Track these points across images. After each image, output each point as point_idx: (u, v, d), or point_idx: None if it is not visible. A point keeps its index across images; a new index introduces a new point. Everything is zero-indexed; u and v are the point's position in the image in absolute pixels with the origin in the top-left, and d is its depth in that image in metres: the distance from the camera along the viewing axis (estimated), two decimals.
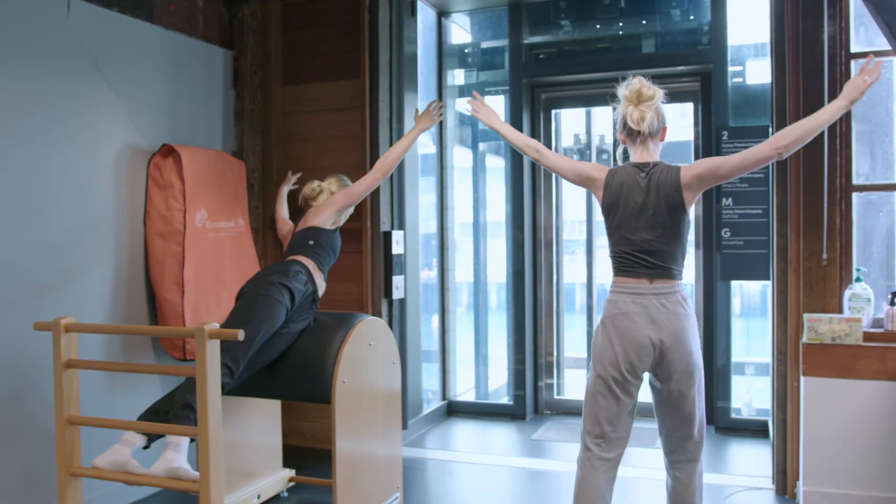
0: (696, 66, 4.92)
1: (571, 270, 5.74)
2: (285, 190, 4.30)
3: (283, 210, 4.21)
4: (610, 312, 2.75)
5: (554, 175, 5.50)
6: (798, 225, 3.66)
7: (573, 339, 5.75)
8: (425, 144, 5.44)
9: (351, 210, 3.81)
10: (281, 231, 4.11)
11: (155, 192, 3.93)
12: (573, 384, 5.67)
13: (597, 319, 5.58)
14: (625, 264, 2.76)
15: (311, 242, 3.56)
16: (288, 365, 3.39)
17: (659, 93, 2.79)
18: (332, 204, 3.65)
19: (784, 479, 3.75)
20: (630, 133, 2.78)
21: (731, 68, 4.77)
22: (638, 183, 2.73)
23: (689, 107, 5.15)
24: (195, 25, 4.27)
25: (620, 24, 5.19)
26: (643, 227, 2.72)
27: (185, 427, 2.73)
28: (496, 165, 5.82)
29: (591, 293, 5.59)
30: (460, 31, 5.70)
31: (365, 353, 3.48)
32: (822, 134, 3.60)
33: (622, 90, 2.79)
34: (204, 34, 4.34)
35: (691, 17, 5.05)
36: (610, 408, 2.75)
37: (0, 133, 3.19)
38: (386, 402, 3.65)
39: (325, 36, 4.59)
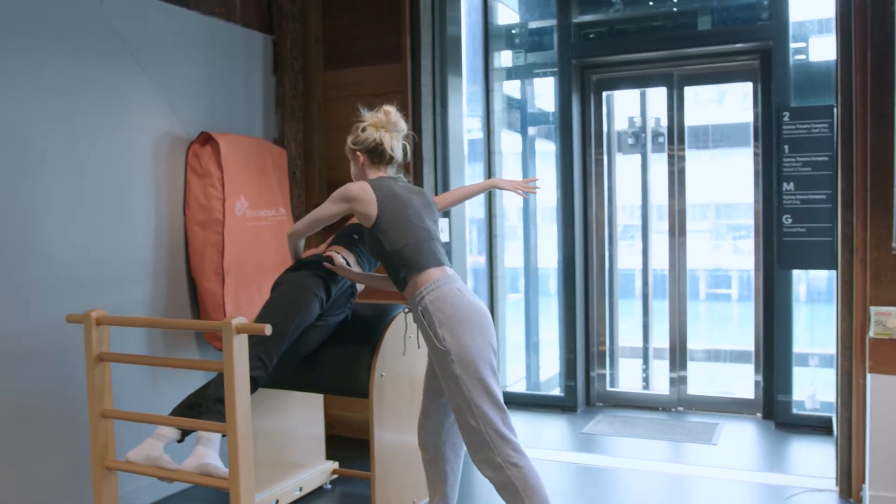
0: (756, 43, 4.64)
1: (629, 256, 5.54)
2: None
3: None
4: (464, 303, 2.77)
5: (606, 159, 5.30)
6: (865, 211, 3.41)
7: (629, 328, 5.55)
8: (471, 130, 5.30)
9: None
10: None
11: (194, 180, 3.88)
12: (628, 375, 5.49)
13: (654, 307, 5.40)
14: (438, 252, 2.87)
15: (356, 237, 3.47)
16: (325, 358, 3.31)
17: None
18: None
19: (848, 482, 3.53)
20: (383, 158, 3.00)
21: (792, 45, 4.49)
22: (406, 188, 2.98)
23: (747, 86, 4.88)
24: (233, 10, 4.20)
25: (675, 0, 4.94)
26: (429, 220, 2.93)
27: (213, 423, 2.66)
28: (547, 150, 5.65)
29: (647, 280, 5.38)
30: (507, 12, 5.52)
31: (409, 345, 3.38)
32: (892, 111, 3.35)
33: (378, 115, 3.00)
34: (242, 19, 4.27)
35: None
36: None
37: (35, 123, 3.17)
38: None
39: (366, 19, 4.48)
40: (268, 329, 2.52)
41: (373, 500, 3.17)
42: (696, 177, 5.17)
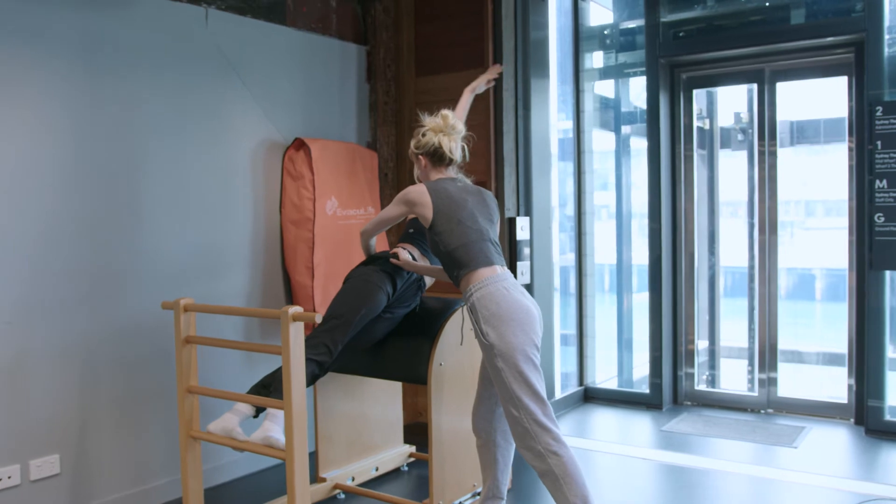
0: (850, 35, 4.49)
1: (729, 254, 5.47)
2: None
3: None
4: (508, 301, 2.95)
5: (695, 157, 5.27)
6: None
7: (736, 326, 5.46)
8: (564, 130, 5.42)
9: None
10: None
11: (289, 182, 4.25)
12: (729, 376, 5.43)
13: (755, 305, 5.29)
14: (489, 252, 3.06)
15: (412, 230, 3.71)
16: (390, 347, 3.57)
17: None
18: None
19: None
20: (443, 160, 3.23)
21: (888, 36, 4.31)
22: (462, 189, 3.17)
23: (842, 80, 4.71)
24: (329, 24, 4.53)
25: None
26: (483, 220, 3.12)
27: (271, 400, 2.98)
28: (642, 147, 5.66)
29: (754, 277, 5.26)
30: (598, 13, 5.58)
31: (467, 336, 3.57)
32: None
33: (436, 120, 3.24)
34: (338, 32, 4.59)
35: None
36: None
37: (147, 131, 3.61)
38: None
39: (453, 26, 4.69)
40: (317, 317, 2.81)
41: (430, 483, 3.40)
42: (789, 173, 5.05)
